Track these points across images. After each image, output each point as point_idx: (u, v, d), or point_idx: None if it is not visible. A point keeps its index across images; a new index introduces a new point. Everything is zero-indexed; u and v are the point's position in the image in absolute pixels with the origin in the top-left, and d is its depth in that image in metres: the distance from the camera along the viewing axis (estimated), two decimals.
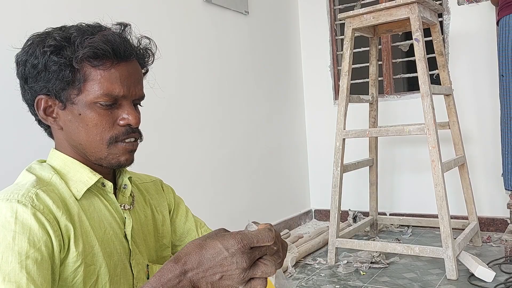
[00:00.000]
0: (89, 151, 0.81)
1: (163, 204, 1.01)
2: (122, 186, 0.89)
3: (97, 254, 0.77)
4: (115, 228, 0.83)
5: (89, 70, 0.77)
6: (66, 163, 0.82)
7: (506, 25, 2.47)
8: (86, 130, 0.79)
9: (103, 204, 0.83)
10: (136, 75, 0.82)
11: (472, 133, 3.07)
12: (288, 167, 3.56)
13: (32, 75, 0.79)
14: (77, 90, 0.78)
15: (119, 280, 0.81)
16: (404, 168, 3.36)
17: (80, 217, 0.77)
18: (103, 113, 0.79)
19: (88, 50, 0.76)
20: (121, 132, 0.80)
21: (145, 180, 1.03)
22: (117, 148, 0.81)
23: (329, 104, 3.63)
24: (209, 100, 2.77)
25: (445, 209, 2.28)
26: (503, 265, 2.37)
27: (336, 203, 2.63)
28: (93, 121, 0.78)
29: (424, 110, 2.32)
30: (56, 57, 0.76)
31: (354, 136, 2.59)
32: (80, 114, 0.79)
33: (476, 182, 3.03)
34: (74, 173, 0.81)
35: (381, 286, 2.24)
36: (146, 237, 0.91)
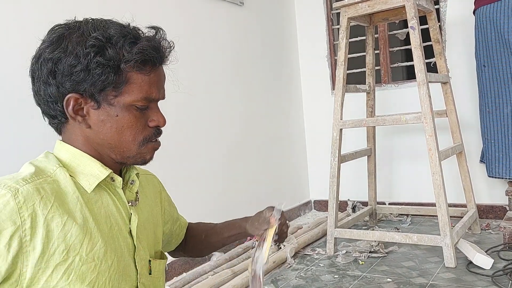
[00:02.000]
0: (117, 150, 0.82)
1: (156, 200, 1.02)
2: (129, 181, 0.89)
3: (98, 251, 0.76)
4: (120, 224, 0.83)
5: (131, 74, 0.79)
6: (75, 156, 0.82)
7: (483, 16, 2.49)
8: (121, 131, 0.81)
9: (111, 199, 0.83)
10: (164, 79, 0.88)
11: (470, 121, 3.06)
12: (287, 158, 3.56)
13: (66, 73, 0.77)
14: (116, 92, 0.79)
15: (121, 276, 0.80)
16: (403, 157, 3.36)
17: (84, 214, 0.76)
18: (138, 115, 0.82)
19: (140, 56, 0.78)
20: (151, 133, 0.85)
21: (147, 173, 1.05)
22: (147, 148, 0.84)
23: (326, 94, 3.62)
24: (206, 92, 2.76)
25: (442, 198, 2.27)
26: (501, 252, 2.37)
27: (334, 193, 2.63)
28: (129, 122, 0.81)
29: (421, 99, 2.31)
30: (102, 58, 0.76)
31: (351, 126, 2.59)
32: (117, 116, 0.80)
33: (474, 169, 3.02)
34: (85, 167, 0.81)
35: (380, 275, 2.24)
36: (148, 233, 0.92)
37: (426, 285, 2.07)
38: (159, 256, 0.98)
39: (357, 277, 2.25)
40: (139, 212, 0.89)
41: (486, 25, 2.48)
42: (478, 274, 2.13)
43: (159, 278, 0.92)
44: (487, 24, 2.47)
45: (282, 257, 2.52)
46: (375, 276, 2.24)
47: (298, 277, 2.33)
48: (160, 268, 0.93)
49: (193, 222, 1.25)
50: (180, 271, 2.41)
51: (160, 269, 0.92)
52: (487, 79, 2.58)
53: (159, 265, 0.92)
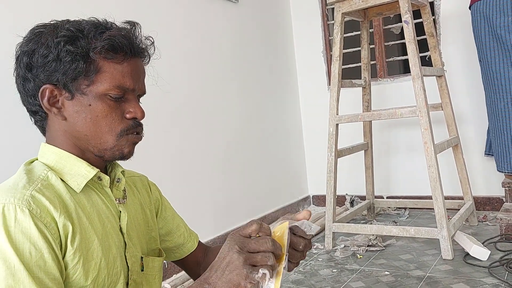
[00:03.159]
0: (94, 142, 0.82)
1: (148, 200, 1.03)
2: (115, 179, 0.90)
3: (96, 249, 0.78)
4: (112, 222, 0.84)
5: (102, 62, 0.79)
6: (61, 157, 0.82)
7: (477, 11, 2.50)
8: (96, 121, 0.80)
9: (99, 198, 0.84)
10: (143, 71, 0.87)
11: (465, 113, 3.07)
12: (284, 153, 3.57)
13: (40, 64, 0.79)
14: (88, 81, 0.79)
15: (118, 272, 0.82)
16: (399, 150, 3.37)
17: (78, 213, 0.77)
18: (112, 105, 0.81)
19: (107, 42, 0.78)
20: (130, 125, 0.83)
21: (132, 174, 1.04)
22: (125, 140, 0.83)
23: (323, 90, 3.63)
24: (202, 90, 2.77)
25: (439, 190, 2.29)
26: (498, 243, 2.39)
27: (331, 188, 2.64)
28: (103, 112, 0.80)
29: (416, 92, 2.32)
30: (71, 47, 0.78)
31: (347, 121, 2.60)
32: (90, 105, 0.80)
33: (471, 162, 3.04)
34: (71, 167, 0.81)
35: (378, 269, 2.26)
36: (138, 230, 0.92)
37: (424, 277, 2.09)
38: (156, 254, 0.98)
39: (355, 271, 2.27)
40: (128, 209, 0.90)
41: (480, 20, 2.49)
42: (475, 265, 2.14)
43: (153, 275, 0.93)
44: (481, 19, 2.48)
45: None
46: (373, 270, 2.25)
47: (297, 271, 2.34)
48: (154, 265, 0.93)
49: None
50: (180, 269, 2.42)
51: (153, 266, 0.93)
52: (484, 74, 2.60)
53: (152, 262, 0.93)
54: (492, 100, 2.54)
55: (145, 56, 0.89)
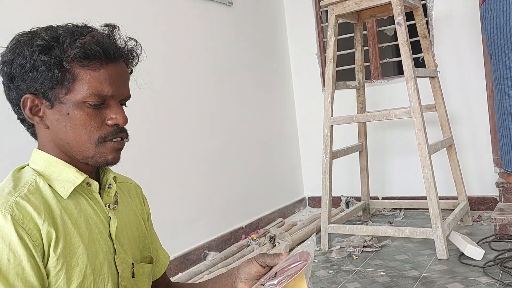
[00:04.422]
0: (76, 150, 0.81)
1: (141, 209, 1.02)
2: (106, 185, 0.89)
3: (82, 255, 0.78)
4: (100, 228, 0.83)
5: (78, 70, 0.78)
6: (50, 163, 0.82)
7: (489, 10, 2.50)
8: (74, 129, 0.80)
9: (88, 204, 0.84)
10: (123, 75, 0.84)
11: (459, 114, 3.10)
12: (280, 155, 3.58)
13: (18, 74, 0.79)
14: (65, 89, 0.79)
15: (105, 278, 0.82)
16: (394, 151, 3.39)
17: (63, 219, 0.77)
18: (91, 113, 0.80)
19: (79, 50, 0.77)
20: (109, 132, 0.82)
21: (127, 181, 1.04)
22: (105, 147, 0.82)
23: (318, 92, 3.64)
24: (197, 92, 2.78)
25: (433, 191, 2.30)
26: (492, 243, 2.40)
27: (327, 189, 2.65)
28: (81, 120, 0.79)
29: (409, 94, 2.34)
30: (46, 56, 0.77)
31: (342, 123, 2.61)
32: (69, 114, 0.79)
33: (465, 162, 3.06)
34: (60, 173, 0.81)
35: (374, 269, 2.27)
36: (130, 237, 0.92)
37: (419, 277, 2.10)
38: (148, 261, 0.98)
39: (351, 272, 2.27)
40: (119, 215, 0.89)
41: (490, 17, 2.48)
42: (469, 265, 2.16)
43: (144, 281, 0.92)
44: (492, 16, 2.47)
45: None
46: (369, 270, 2.26)
47: None
48: (144, 271, 0.93)
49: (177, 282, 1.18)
50: (176, 272, 2.42)
51: (144, 273, 0.92)
52: (494, 71, 2.57)
53: (143, 268, 0.92)
54: (500, 99, 2.54)
55: (128, 58, 0.86)
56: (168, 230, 2.38)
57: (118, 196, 0.93)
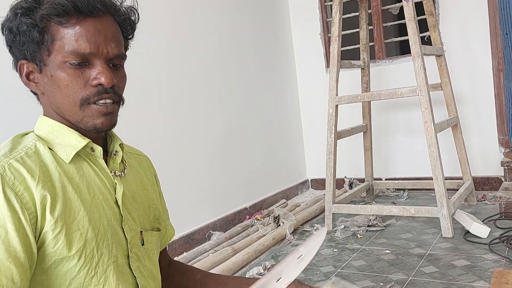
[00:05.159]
0: (66, 114, 0.79)
1: (153, 181, 1.01)
2: (113, 152, 0.87)
3: (82, 220, 0.76)
4: (105, 194, 0.81)
5: (55, 29, 0.75)
6: (54, 128, 0.81)
7: None
8: (60, 92, 0.77)
9: (92, 170, 0.82)
10: (106, 31, 0.78)
11: (464, 94, 3.07)
12: (283, 138, 3.56)
13: (11, 40, 0.78)
14: (47, 50, 0.76)
15: (110, 244, 0.79)
16: (398, 132, 3.37)
17: (63, 183, 0.76)
18: (73, 73, 0.76)
19: (48, 6, 0.74)
20: (92, 93, 0.76)
21: (138, 153, 1.02)
22: (90, 111, 0.77)
23: (321, 72, 3.61)
24: (200, 75, 2.75)
25: (439, 169, 2.29)
26: (498, 221, 2.40)
27: (331, 169, 2.64)
28: (64, 81, 0.76)
29: (416, 71, 2.31)
30: (25, 18, 0.75)
31: (347, 102, 2.58)
32: (52, 76, 0.77)
33: (469, 142, 3.04)
34: (63, 138, 0.80)
35: (379, 248, 2.27)
36: (139, 206, 0.90)
37: (425, 255, 2.10)
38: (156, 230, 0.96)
39: (356, 250, 2.27)
40: (126, 183, 0.87)
41: None
42: (475, 242, 2.16)
43: (153, 250, 0.90)
44: None
45: (281, 233, 2.54)
46: (374, 249, 2.26)
47: None
48: (153, 239, 0.91)
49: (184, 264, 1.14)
50: (181, 251, 2.42)
51: (153, 241, 0.91)
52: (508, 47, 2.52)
53: (151, 236, 0.90)
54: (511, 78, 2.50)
55: (116, 15, 0.81)
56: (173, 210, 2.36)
57: (126, 164, 0.91)
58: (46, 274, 0.72)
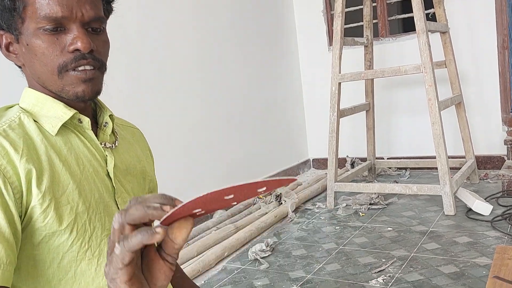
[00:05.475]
0: (48, 83, 0.76)
1: (148, 154, 0.98)
2: (103, 124, 0.84)
3: (72, 193, 0.73)
4: (95, 166, 0.79)
5: None
6: (38, 100, 0.78)
7: None
8: (37, 60, 0.73)
9: (81, 142, 0.79)
10: None
11: (468, 72, 3.04)
12: (285, 117, 3.54)
13: None
14: (20, 18, 0.73)
15: (103, 218, 0.77)
16: (401, 111, 3.35)
17: (49, 156, 0.73)
18: (48, 40, 0.72)
19: None
20: (69, 59, 0.72)
21: (131, 125, 0.99)
22: (69, 78, 0.74)
23: (323, 51, 3.57)
24: (200, 54, 2.71)
25: (442, 147, 2.28)
26: (500, 199, 2.40)
27: (333, 148, 2.63)
28: (40, 49, 0.72)
29: (420, 48, 2.28)
30: None
31: (350, 80, 2.56)
32: (28, 44, 0.73)
33: (472, 121, 3.02)
34: (48, 110, 0.77)
35: (381, 225, 2.27)
36: (133, 178, 0.87)
37: (427, 232, 2.11)
38: None
39: (358, 228, 2.28)
40: (118, 155, 0.85)
41: None
42: (477, 220, 2.16)
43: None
44: None
45: (283, 211, 2.54)
46: (376, 226, 2.27)
47: (300, 229, 2.36)
48: None
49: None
50: None
51: None
52: None
53: None
54: None
55: None
56: (175, 188, 2.37)
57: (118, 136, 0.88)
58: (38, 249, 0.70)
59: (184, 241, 0.45)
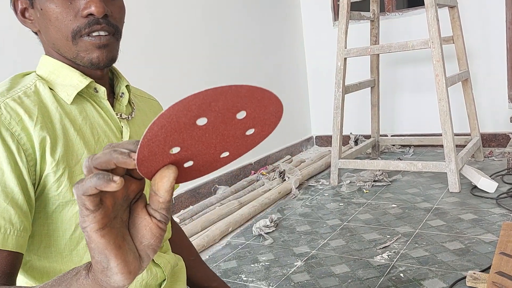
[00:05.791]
0: (62, 50, 0.74)
1: None
2: (119, 94, 0.83)
3: None
4: (110, 137, 0.77)
5: None
6: (55, 67, 0.76)
7: None
8: (52, 26, 0.71)
9: (96, 111, 0.77)
10: None
11: (476, 48, 2.99)
12: (288, 94, 3.50)
13: None
14: None
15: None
16: (406, 88, 3.31)
17: (64, 124, 0.72)
18: (62, 4, 0.70)
19: None
20: (83, 24, 0.70)
21: (149, 97, 0.97)
22: (84, 44, 0.71)
23: (328, 26, 3.50)
24: (202, 29, 2.66)
25: (448, 124, 2.26)
26: (505, 177, 2.39)
27: (338, 124, 2.60)
28: (53, 14, 0.71)
29: (428, 23, 2.23)
30: None
31: (356, 55, 2.51)
32: (42, 9, 0.71)
33: (479, 98, 2.99)
34: (64, 78, 0.75)
35: (385, 202, 2.27)
36: None
37: (431, 209, 2.10)
38: None
39: (362, 204, 2.27)
40: (134, 127, 0.83)
41: None
42: (482, 197, 2.15)
43: None
44: None
45: (287, 188, 2.54)
46: (380, 203, 2.26)
47: (303, 206, 2.35)
48: None
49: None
50: (187, 204, 2.43)
51: None
52: None
53: None
54: None
55: None
56: None
57: (134, 107, 0.86)
58: (51, 218, 0.69)
59: (167, 192, 0.39)
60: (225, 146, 0.40)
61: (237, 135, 0.40)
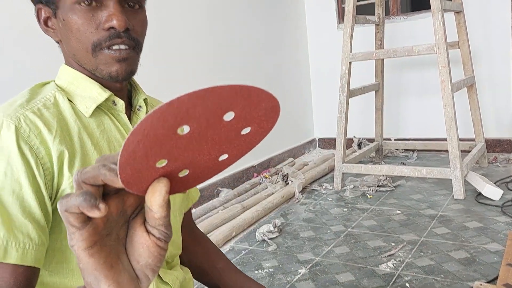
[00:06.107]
0: (82, 61, 0.73)
1: None
2: (137, 107, 0.82)
3: None
4: None
5: None
6: (75, 78, 0.75)
7: None
8: (73, 37, 0.71)
9: (113, 125, 0.76)
10: None
11: (480, 54, 2.97)
12: (291, 96, 3.49)
13: None
14: None
15: None
16: (411, 92, 3.29)
17: (82, 138, 0.71)
18: (84, 16, 0.69)
19: None
20: (104, 37, 0.69)
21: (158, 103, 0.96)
22: (103, 57, 0.71)
23: (332, 29, 3.49)
24: (206, 29, 2.65)
25: (454, 130, 2.24)
26: (510, 184, 2.38)
27: (342, 128, 2.59)
28: (75, 25, 0.70)
29: (435, 28, 2.22)
30: None
31: (361, 59, 2.50)
32: (64, 20, 0.71)
33: (483, 104, 2.97)
34: (83, 89, 0.74)
35: (389, 208, 2.25)
36: None
37: (436, 216, 2.09)
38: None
39: (366, 210, 2.26)
40: None
41: None
42: (487, 205, 2.14)
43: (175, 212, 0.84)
44: None
45: (290, 192, 2.52)
46: (384, 209, 2.25)
47: (307, 210, 2.34)
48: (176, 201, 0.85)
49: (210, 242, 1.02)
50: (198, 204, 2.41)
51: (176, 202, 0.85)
52: None
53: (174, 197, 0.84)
54: None
55: None
56: None
57: None
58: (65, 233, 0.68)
59: (162, 207, 0.36)
60: (221, 149, 0.38)
61: (232, 137, 0.37)
